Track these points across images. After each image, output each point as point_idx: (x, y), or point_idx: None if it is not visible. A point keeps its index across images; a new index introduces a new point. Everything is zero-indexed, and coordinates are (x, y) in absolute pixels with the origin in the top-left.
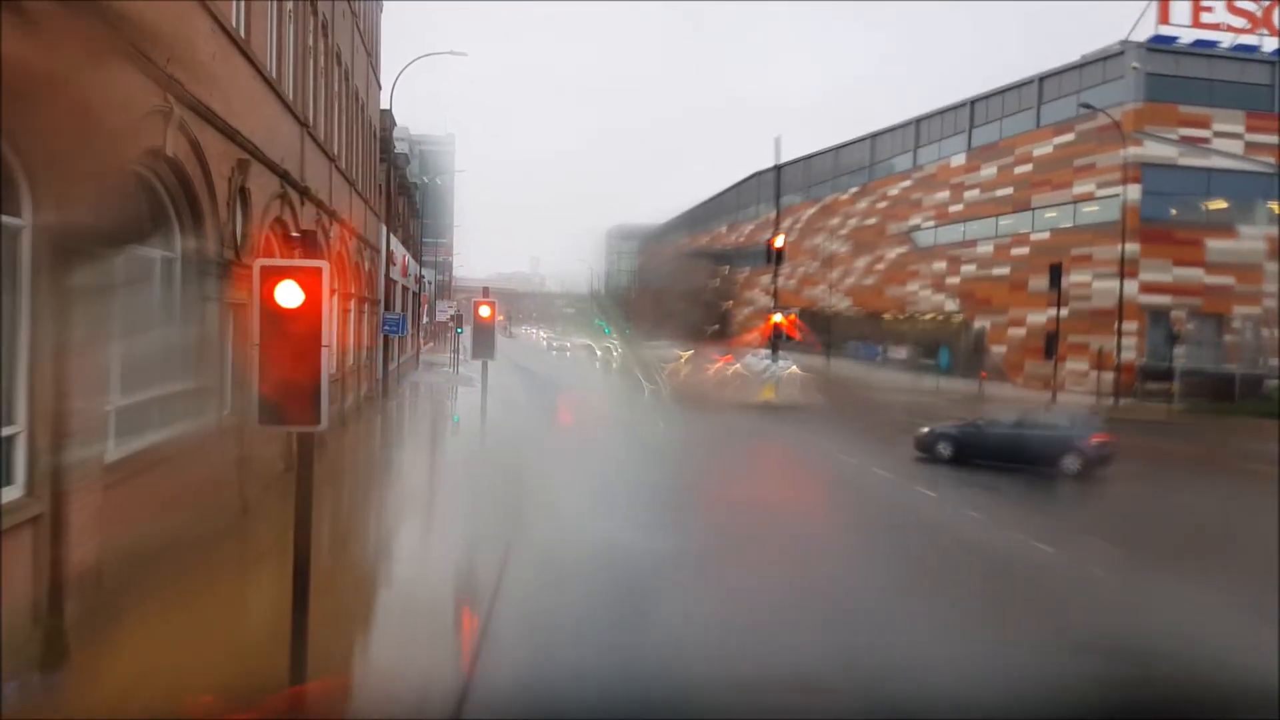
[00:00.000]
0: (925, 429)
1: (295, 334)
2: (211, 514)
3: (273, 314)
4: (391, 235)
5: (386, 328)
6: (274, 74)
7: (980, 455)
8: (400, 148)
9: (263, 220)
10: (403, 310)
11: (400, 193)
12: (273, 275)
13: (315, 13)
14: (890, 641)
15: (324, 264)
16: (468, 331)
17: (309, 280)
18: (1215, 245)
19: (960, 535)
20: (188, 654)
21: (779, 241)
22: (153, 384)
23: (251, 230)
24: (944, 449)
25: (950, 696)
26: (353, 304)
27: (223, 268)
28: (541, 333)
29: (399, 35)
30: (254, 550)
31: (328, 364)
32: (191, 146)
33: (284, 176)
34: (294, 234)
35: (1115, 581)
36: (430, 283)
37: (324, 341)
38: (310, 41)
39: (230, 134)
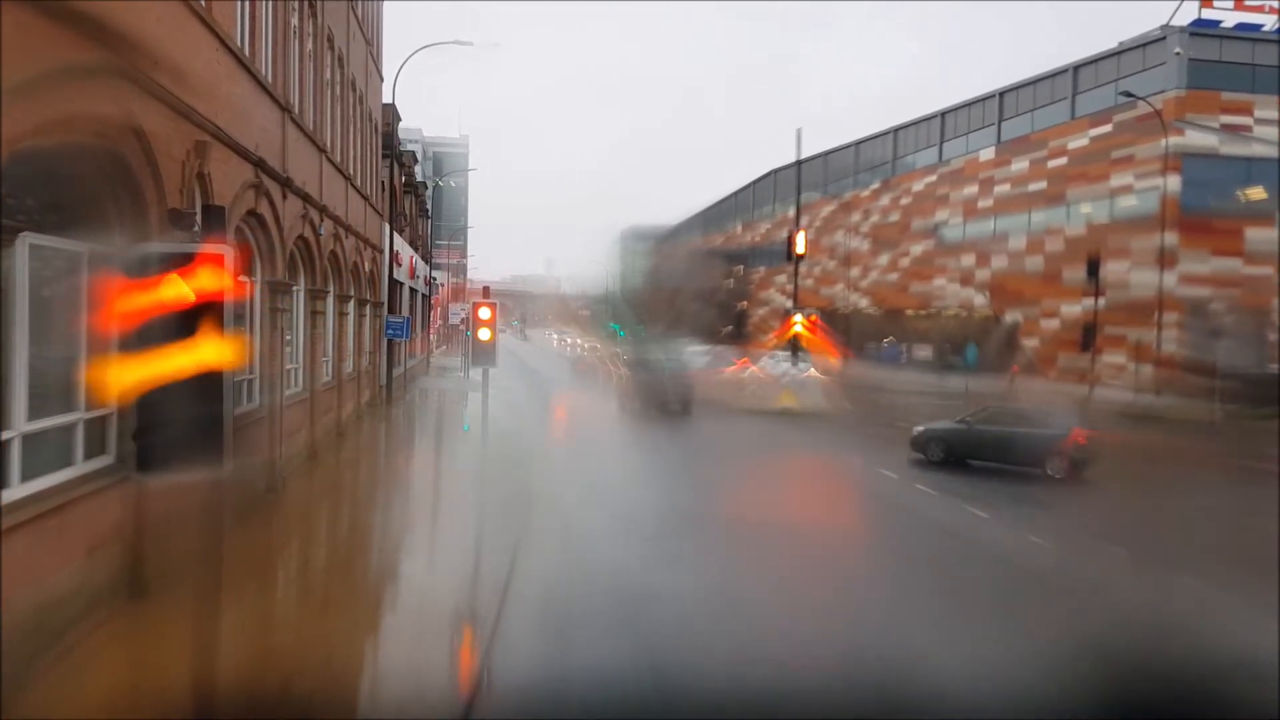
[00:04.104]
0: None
1: (186, 345)
2: (163, 553)
3: (154, 317)
4: (396, 235)
5: (389, 331)
6: (246, 51)
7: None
8: (414, 149)
9: (231, 212)
10: (409, 313)
11: (407, 191)
12: (154, 266)
13: None
14: None
15: (224, 249)
16: None
17: (204, 272)
18: (1255, 235)
19: None
20: None
21: (800, 239)
22: (78, 404)
23: None
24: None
25: None
26: (351, 306)
27: None
28: (565, 336)
29: (408, 35)
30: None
31: (232, 386)
32: (127, 121)
33: (259, 165)
34: (178, 209)
35: None
36: (443, 285)
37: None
38: (294, 20)
39: (184, 111)
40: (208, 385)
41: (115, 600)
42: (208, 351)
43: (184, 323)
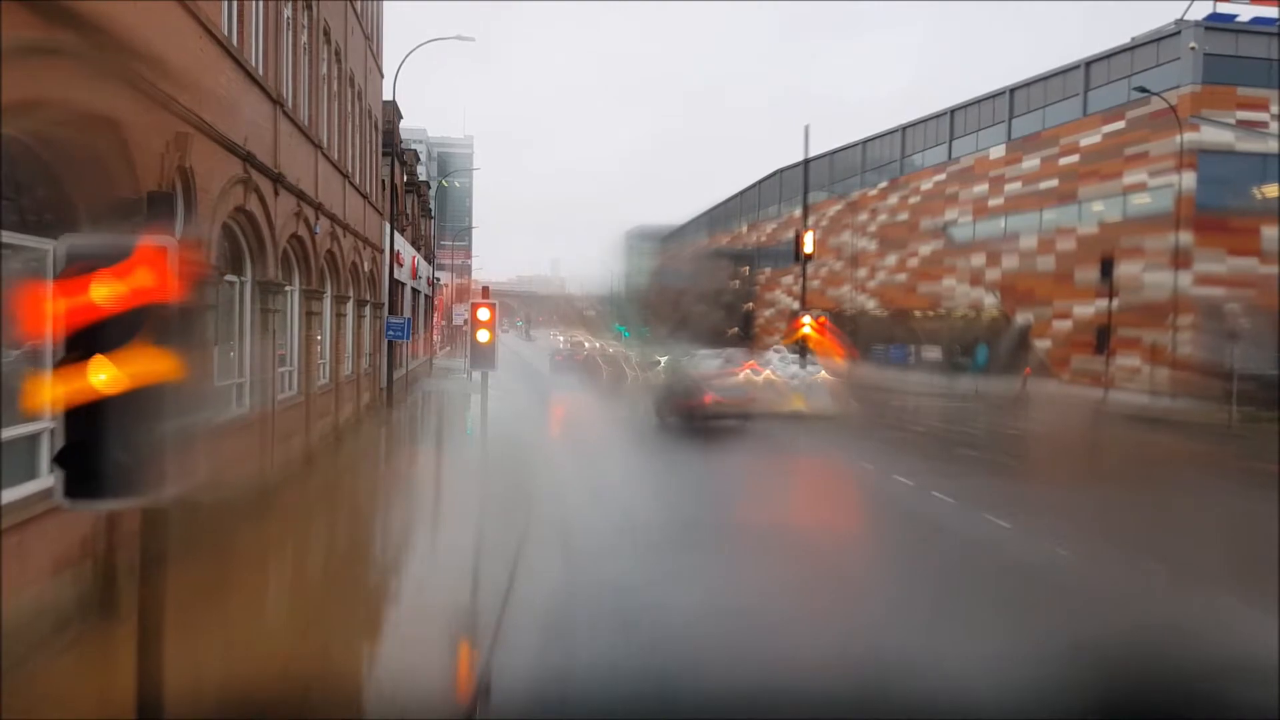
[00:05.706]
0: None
1: (120, 355)
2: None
3: (84, 321)
4: (398, 235)
5: (390, 332)
6: (234, 41)
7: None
8: (417, 149)
9: (217, 208)
10: (411, 314)
11: (409, 190)
12: (81, 262)
13: None
14: None
15: (168, 241)
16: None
17: (142, 268)
18: (1271, 233)
19: None
20: None
21: (808, 240)
22: (44, 413)
23: (198, 217)
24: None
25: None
26: (349, 307)
27: None
28: (571, 337)
29: (410, 33)
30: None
31: (183, 401)
32: (97, 109)
33: (248, 159)
34: (124, 197)
35: None
36: (446, 285)
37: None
38: (287, 11)
39: (162, 101)
40: (148, 400)
41: (85, 621)
42: (144, 361)
43: (118, 328)
